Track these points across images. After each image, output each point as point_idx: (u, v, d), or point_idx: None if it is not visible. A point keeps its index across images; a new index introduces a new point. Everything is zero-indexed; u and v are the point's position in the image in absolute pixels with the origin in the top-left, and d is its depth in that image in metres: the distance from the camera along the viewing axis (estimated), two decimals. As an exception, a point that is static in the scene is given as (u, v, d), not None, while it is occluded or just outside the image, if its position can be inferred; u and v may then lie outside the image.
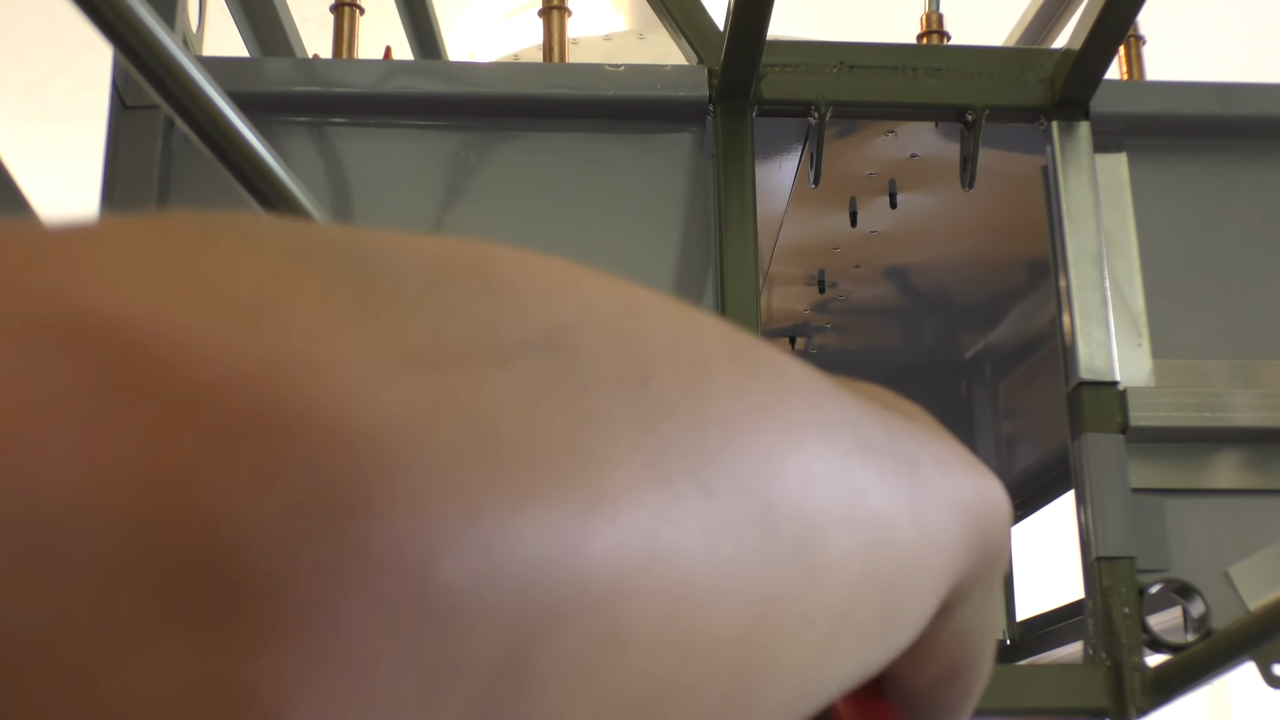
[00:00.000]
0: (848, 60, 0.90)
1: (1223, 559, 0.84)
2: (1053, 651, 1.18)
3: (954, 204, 1.09)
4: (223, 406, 0.11)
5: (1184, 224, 0.92)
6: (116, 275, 0.12)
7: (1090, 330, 0.87)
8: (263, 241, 0.14)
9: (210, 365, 0.11)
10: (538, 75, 0.91)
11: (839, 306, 1.28)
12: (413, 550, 0.12)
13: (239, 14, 1.10)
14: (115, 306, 0.11)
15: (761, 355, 0.20)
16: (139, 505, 0.11)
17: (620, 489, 0.15)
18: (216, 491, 0.11)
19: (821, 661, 0.21)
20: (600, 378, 0.15)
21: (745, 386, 0.19)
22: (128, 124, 0.87)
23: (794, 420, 0.20)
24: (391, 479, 0.12)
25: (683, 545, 0.16)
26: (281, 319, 0.12)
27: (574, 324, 0.16)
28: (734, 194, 0.87)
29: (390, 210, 0.88)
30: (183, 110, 0.48)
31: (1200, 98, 0.93)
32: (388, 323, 0.13)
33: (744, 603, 0.17)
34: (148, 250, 0.13)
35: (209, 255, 0.13)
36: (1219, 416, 0.85)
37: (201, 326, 0.11)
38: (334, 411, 0.12)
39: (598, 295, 0.17)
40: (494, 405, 0.13)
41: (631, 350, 0.16)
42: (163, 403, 0.11)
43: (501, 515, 0.13)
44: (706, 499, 0.16)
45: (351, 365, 0.12)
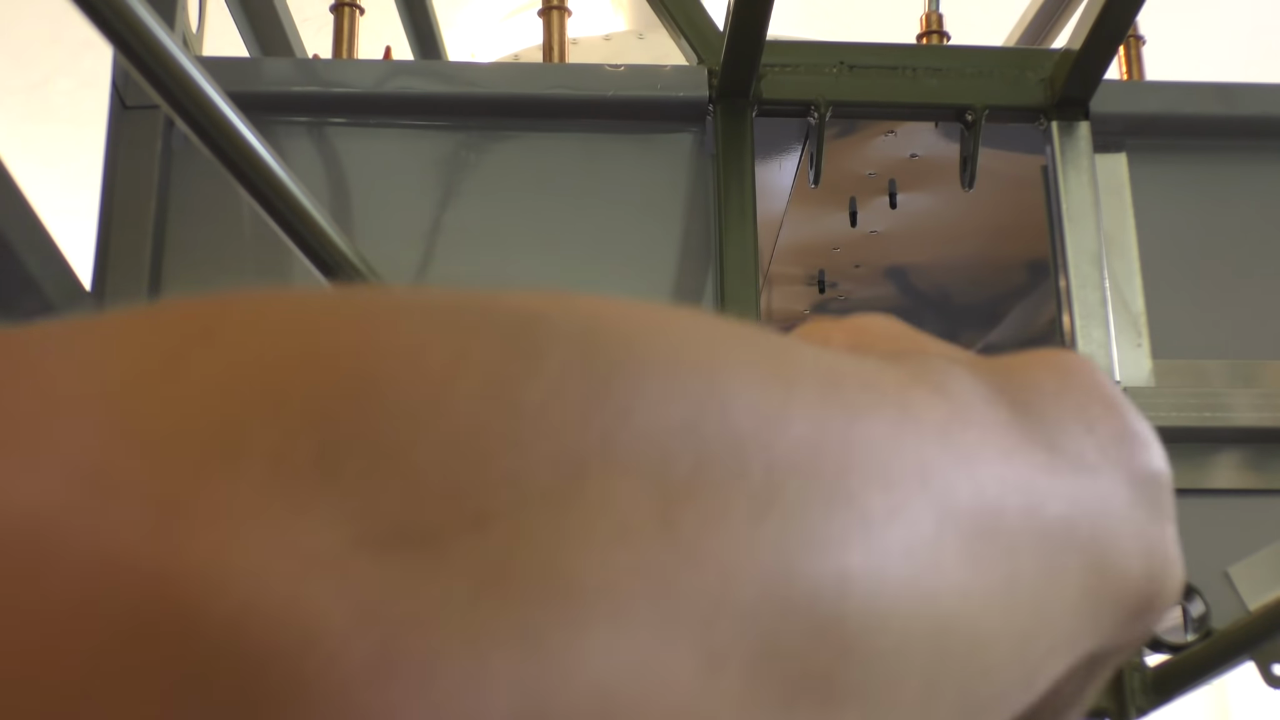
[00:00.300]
0: (848, 60, 0.90)
1: (1223, 559, 0.84)
2: (1053, 651, 1.18)
3: (954, 204, 1.09)
4: (123, 616, 0.11)
5: (1184, 224, 0.92)
6: (36, 471, 0.11)
7: (1090, 330, 0.87)
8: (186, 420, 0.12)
9: (113, 569, 0.11)
10: (538, 75, 0.91)
11: (839, 306, 1.28)
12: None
13: (239, 14, 1.10)
14: (29, 504, 0.11)
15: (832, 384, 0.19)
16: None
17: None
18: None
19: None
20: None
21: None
22: (128, 124, 0.87)
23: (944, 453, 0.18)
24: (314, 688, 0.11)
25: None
26: (197, 516, 0.11)
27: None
28: (734, 194, 0.87)
29: (390, 210, 0.88)
30: (183, 110, 0.48)
31: (1200, 98, 0.93)
32: (316, 514, 0.12)
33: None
34: (69, 439, 0.12)
35: (126, 447, 0.12)
36: (1219, 416, 0.86)
37: (109, 528, 0.11)
38: (252, 620, 0.11)
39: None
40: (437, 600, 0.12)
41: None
42: (61, 603, 0.11)
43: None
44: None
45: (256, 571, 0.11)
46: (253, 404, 0.12)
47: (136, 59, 0.45)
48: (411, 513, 0.13)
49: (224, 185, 0.51)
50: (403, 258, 0.86)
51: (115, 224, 0.85)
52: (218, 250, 0.87)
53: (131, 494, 0.11)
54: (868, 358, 0.20)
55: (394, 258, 0.86)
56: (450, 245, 0.87)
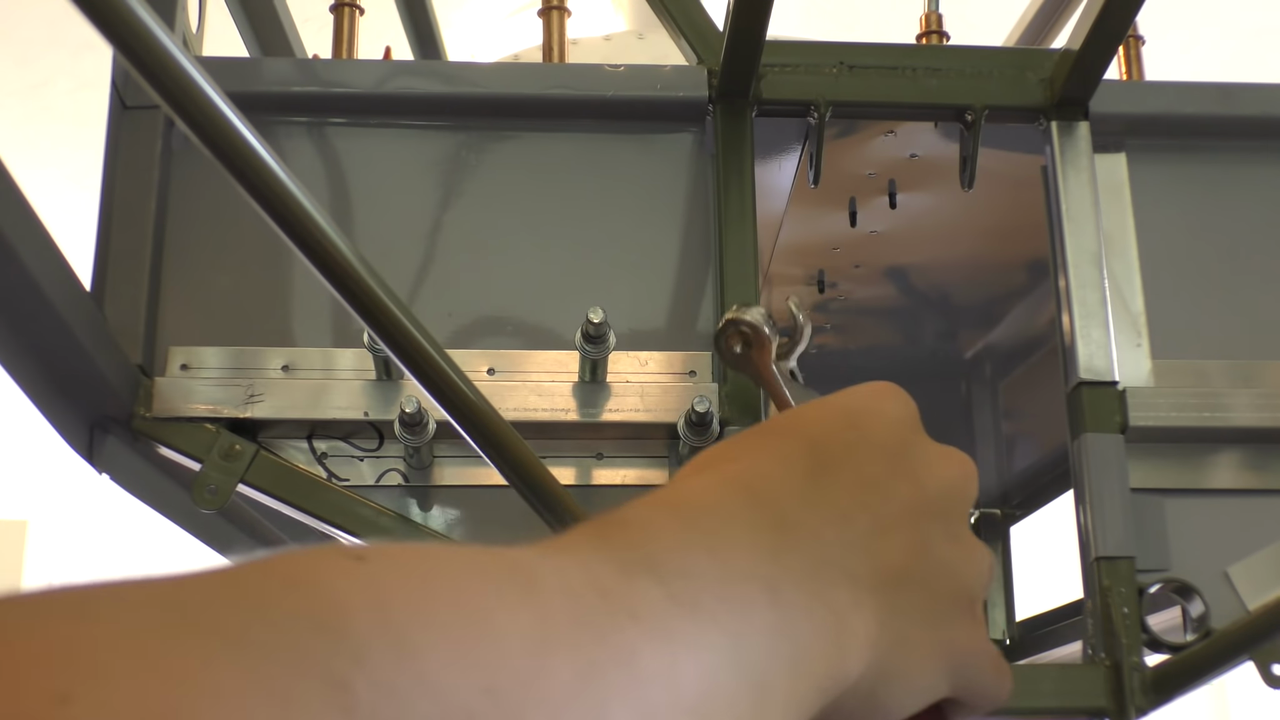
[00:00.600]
0: (847, 60, 0.90)
1: (1222, 559, 0.84)
2: (1052, 651, 1.18)
3: (954, 204, 1.09)
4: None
5: (1184, 224, 0.92)
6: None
7: (1090, 330, 0.87)
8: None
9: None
10: (538, 75, 0.91)
11: (839, 306, 1.28)
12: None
13: (239, 14, 1.10)
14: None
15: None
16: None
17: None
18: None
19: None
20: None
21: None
22: (128, 124, 0.87)
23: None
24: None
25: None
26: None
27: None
28: (734, 194, 0.87)
29: (390, 210, 0.88)
30: (182, 110, 0.47)
31: (1200, 98, 0.93)
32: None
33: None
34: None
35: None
36: (1219, 416, 0.85)
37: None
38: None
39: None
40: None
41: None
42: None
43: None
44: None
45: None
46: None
47: (136, 59, 0.45)
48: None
49: (224, 185, 0.51)
50: (403, 257, 0.86)
51: (115, 224, 0.85)
52: (218, 250, 0.87)
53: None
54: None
55: (394, 258, 0.86)
56: (450, 245, 0.87)
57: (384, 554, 0.22)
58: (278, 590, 0.20)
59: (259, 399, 0.82)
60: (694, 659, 0.25)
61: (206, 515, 0.90)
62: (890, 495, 0.36)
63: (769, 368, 0.57)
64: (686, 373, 0.84)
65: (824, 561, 0.33)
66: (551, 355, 0.84)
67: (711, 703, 0.25)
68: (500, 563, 0.24)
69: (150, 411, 0.81)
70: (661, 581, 0.26)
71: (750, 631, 0.28)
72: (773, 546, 0.31)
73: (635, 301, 0.86)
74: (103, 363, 0.76)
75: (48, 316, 0.70)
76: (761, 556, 0.31)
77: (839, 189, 1.07)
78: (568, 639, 0.23)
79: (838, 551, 0.33)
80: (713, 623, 0.27)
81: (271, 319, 0.85)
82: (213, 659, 0.18)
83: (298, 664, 0.18)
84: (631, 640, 0.24)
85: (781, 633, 0.29)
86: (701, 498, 0.32)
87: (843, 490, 0.35)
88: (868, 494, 0.35)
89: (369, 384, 0.83)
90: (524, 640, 0.22)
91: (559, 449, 0.84)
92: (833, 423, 0.37)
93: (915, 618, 0.35)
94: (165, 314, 0.85)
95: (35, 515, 4.69)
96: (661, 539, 0.29)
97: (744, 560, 0.30)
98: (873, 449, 0.36)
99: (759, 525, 0.32)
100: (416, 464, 0.83)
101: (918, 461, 0.37)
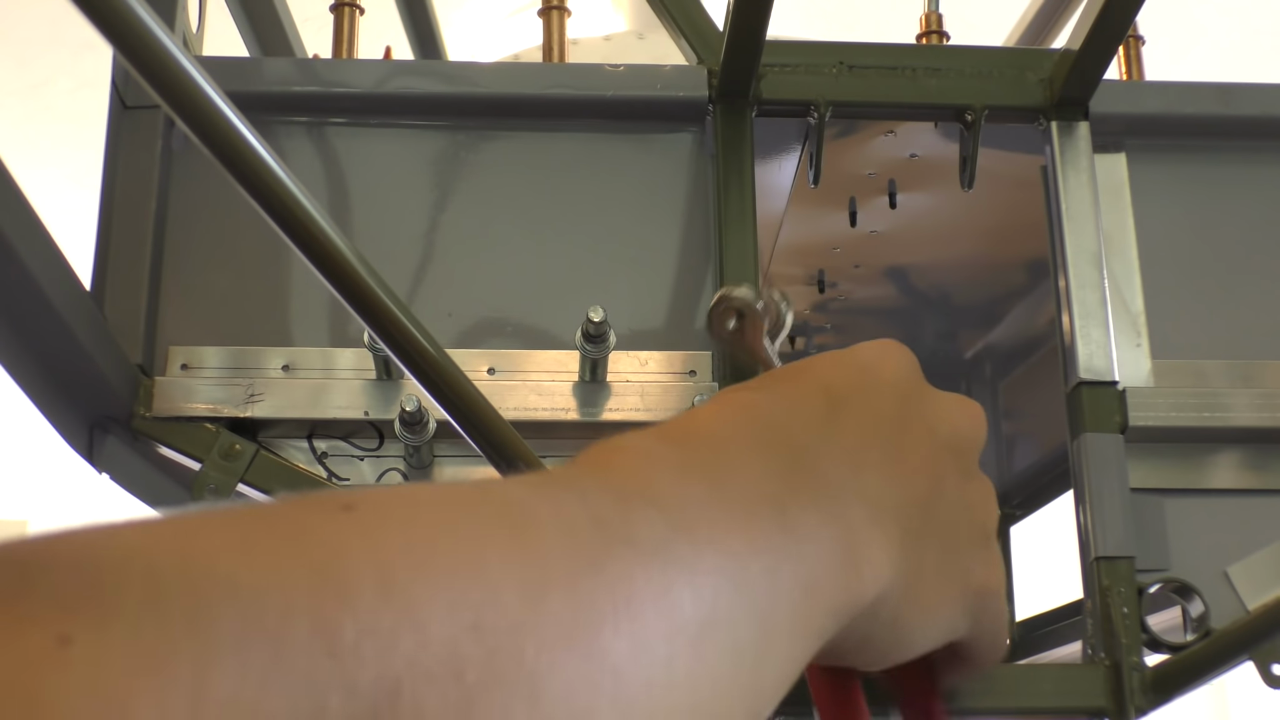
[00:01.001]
0: (847, 60, 0.90)
1: (1222, 559, 0.84)
2: (1052, 651, 1.18)
3: (954, 204, 1.09)
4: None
5: (1184, 224, 0.92)
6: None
7: (1089, 330, 0.87)
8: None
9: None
10: (537, 75, 0.91)
11: (839, 306, 1.28)
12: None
13: (239, 14, 1.10)
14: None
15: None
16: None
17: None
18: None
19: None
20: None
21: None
22: (128, 124, 0.87)
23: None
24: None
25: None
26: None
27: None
28: (734, 194, 0.87)
29: (390, 210, 0.88)
30: (183, 110, 0.47)
31: (1200, 98, 0.93)
32: None
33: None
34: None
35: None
36: (1219, 416, 0.85)
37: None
38: None
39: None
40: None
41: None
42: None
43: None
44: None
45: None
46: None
47: (136, 59, 0.45)
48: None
49: (224, 185, 0.51)
50: (403, 257, 0.86)
51: (115, 224, 0.85)
52: (218, 250, 0.87)
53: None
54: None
55: (394, 257, 0.86)
56: (450, 244, 0.87)
57: (373, 501, 0.22)
58: (269, 540, 0.20)
59: (259, 399, 0.82)
60: (691, 584, 0.25)
61: (206, 515, 0.90)
62: (904, 432, 0.36)
63: (760, 343, 0.58)
64: (687, 372, 0.84)
65: (837, 483, 0.32)
66: (552, 355, 0.84)
67: (711, 627, 0.25)
68: (491, 499, 0.24)
69: (150, 411, 0.82)
70: (660, 508, 0.27)
71: (754, 553, 0.28)
72: (782, 469, 0.31)
73: (635, 301, 0.86)
74: (103, 363, 0.76)
75: (48, 316, 0.70)
76: (769, 477, 0.31)
77: (839, 189, 1.07)
78: (561, 572, 0.23)
79: (851, 476, 0.33)
80: (712, 545, 0.27)
81: (271, 319, 0.85)
82: (210, 605, 0.19)
83: (288, 608, 0.19)
84: (627, 569, 0.24)
85: (789, 552, 0.29)
86: (708, 425, 0.32)
87: (857, 428, 0.35)
88: (882, 431, 0.36)
89: (369, 383, 0.83)
90: (514, 576, 0.22)
91: (559, 448, 0.84)
92: (844, 370, 0.38)
93: (935, 547, 0.35)
94: (165, 314, 0.85)
95: (35, 515, 4.69)
96: (662, 466, 0.29)
97: (749, 482, 0.30)
98: (884, 392, 0.37)
99: (768, 449, 0.32)
100: (417, 463, 0.83)
101: (928, 404, 0.38)
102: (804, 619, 0.28)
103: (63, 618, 0.17)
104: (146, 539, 0.19)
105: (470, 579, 0.21)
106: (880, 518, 0.33)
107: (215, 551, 0.20)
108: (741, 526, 0.28)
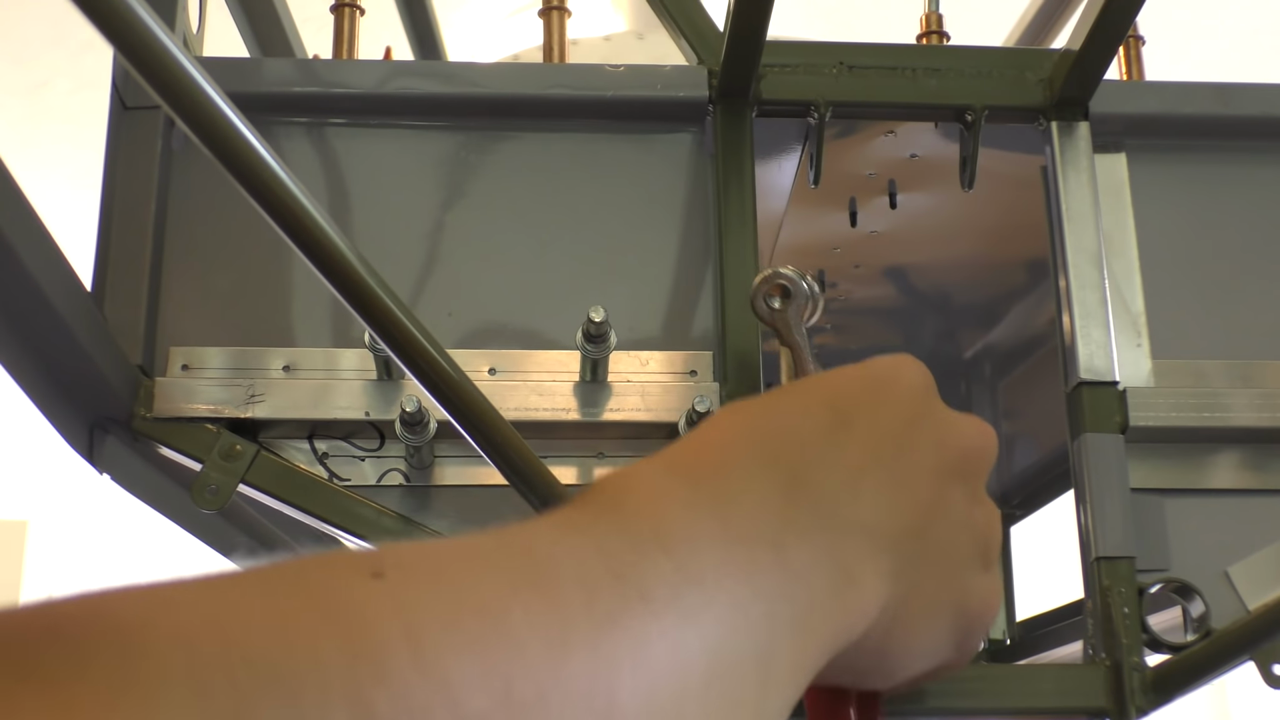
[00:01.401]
0: (847, 60, 0.90)
1: (1223, 559, 0.84)
2: (1052, 651, 1.18)
3: (954, 204, 1.09)
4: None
5: (1184, 224, 0.92)
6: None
7: (1090, 330, 0.87)
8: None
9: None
10: (537, 75, 0.91)
11: (839, 306, 1.28)
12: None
13: (239, 14, 1.10)
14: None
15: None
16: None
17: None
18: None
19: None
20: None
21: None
22: (128, 124, 0.87)
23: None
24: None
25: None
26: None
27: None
28: (734, 194, 0.87)
29: (390, 211, 0.88)
30: (182, 110, 0.47)
31: (1200, 98, 0.93)
32: None
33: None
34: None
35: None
36: (1219, 416, 0.85)
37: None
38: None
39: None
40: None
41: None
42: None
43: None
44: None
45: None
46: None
47: (136, 59, 0.45)
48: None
49: (224, 185, 0.51)
50: (403, 257, 0.86)
51: (115, 224, 0.85)
52: (218, 251, 0.87)
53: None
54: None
55: (395, 258, 0.86)
56: (450, 245, 0.87)
57: (400, 564, 0.22)
58: (304, 616, 0.21)
59: (260, 399, 0.82)
60: (700, 636, 0.26)
61: (207, 516, 0.90)
62: (909, 452, 0.36)
63: (800, 323, 0.61)
64: (687, 372, 0.84)
65: (835, 515, 0.33)
66: (552, 355, 0.84)
67: (717, 676, 0.26)
68: (513, 554, 0.24)
69: (150, 412, 0.82)
70: (671, 555, 0.27)
71: (755, 597, 0.28)
72: (782, 504, 0.31)
73: (636, 301, 0.86)
74: (103, 363, 0.76)
75: (48, 316, 0.70)
76: (770, 515, 0.31)
77: (839, 189, 1.07)
78: (582, 629, 0.23)
79: (850, 505, 0.33)
80: (719, 592, 0.27)
81: (272, 319, 0.85)
82: (253, 697, 0.19)
83: (325, 690, 0.19)
84: (643, 625, 0.25)
85: (786, 592, 0.29)
86: (713, 455, 0.33)
87: (861, 446, 0.35)
88: (886, 450, 0.36)
89: (370, 384, 0.83)
90: (539, 638, 0.22)
91: (560, 449, 0.84)
92: (853, 384, 0.38)
93: (932, 574, 0.35)
94: (165, 314, 0.85)
95: (35, 515, 4.69)
96: (671, 503, 0.29)
97: (751, 522, 0.30)
98: (893, 409, 0.37)
99: (769, 482, 0.32)
100: (418, 464, 0.83)
101: (938, 423, 0.38)
102: (800, 656, 0.29)
103: (109, 713, 0.18)
104: (185, 618, 0.19)
105: (498, 642, 0.22)
106: (876, 547, 0.33)
107: (252, 631, 0.20)
108: (745, 570, 0.28)
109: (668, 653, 0.25)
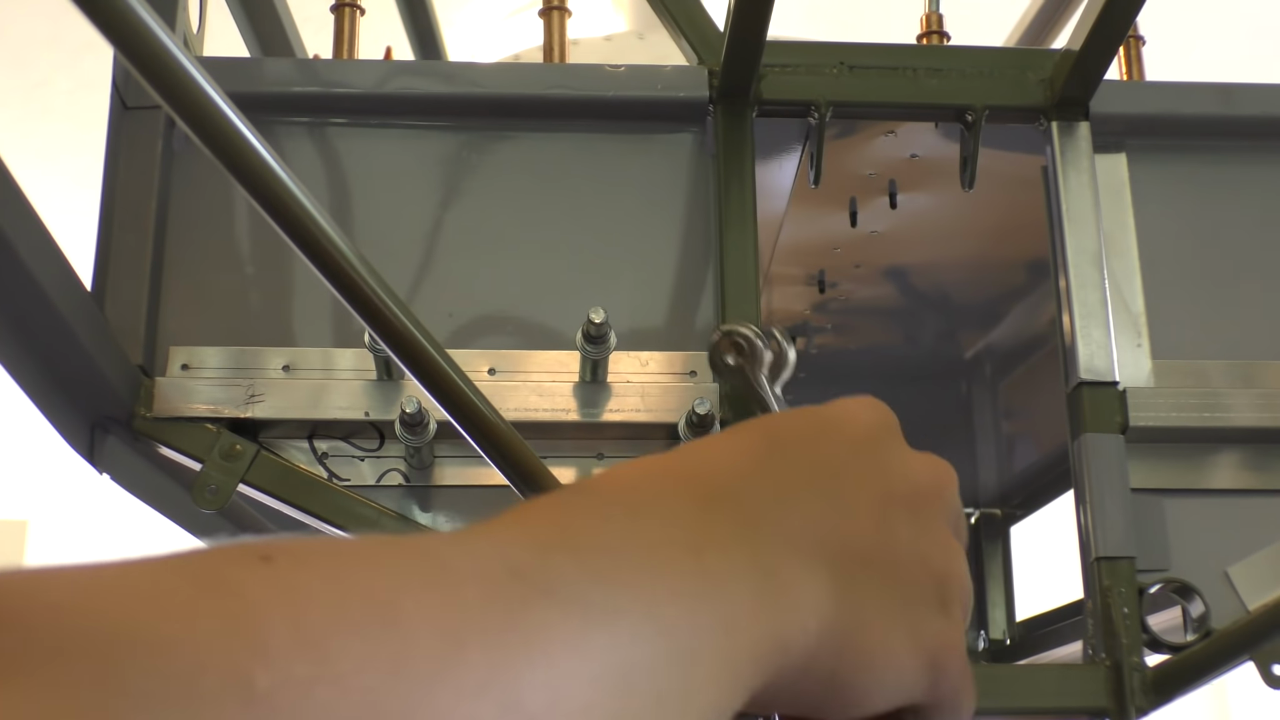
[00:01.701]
0: (848, 60, 0.90)
1: (1223, 559, 0.84)
2: (1052, 651, 1.18)
3: (954, 204, 1.09)
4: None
5: (1184, 224, 0.92)
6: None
7: (1090, 330, 0.87)
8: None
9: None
10: (538, 75, 0.91)
11: (839, 306, 1.28)
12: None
13: (239, 14, 1.10)
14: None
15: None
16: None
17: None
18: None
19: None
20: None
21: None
22: (128, 124, 0.87)
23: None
24: None
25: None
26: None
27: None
28: (734, 194, 0.87)
29: (390, 210, 0.88)
30: (183, 110, 0.47)
31: (1200, 98, 0.93)
32: None
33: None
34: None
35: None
36: (1219, 416, 0.86)
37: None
38: None
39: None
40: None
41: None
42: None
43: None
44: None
45: None
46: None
47: (136, 59, 0.45)
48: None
49: (224, 185, 0.51)
50: (403, 257, 0.86)
51: (115, 224, 0.85)
52: (218, 250, 0.87)
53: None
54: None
55: (394, 257, 0.86)
56: (450, 244, 0.87)
57: (291, 552, 0.23)
58: (184, 592, 0.21)
59: (260, 399, 0.82)
60: (609, 631, 0.25)
61: (207, 515, 0.90)
62: (849, 480, 0.35)
63: (760, 380, 0.58)
64: (687, 373, 0.84)
65: (758, 527, 0.32)
66: (552, 355, 0.84)
67: (631, 673, 0.25)
68: (409, 552, 0.24)
69: (151, 411, 0.82)
70: (576, 556, 0.27)
71: (672, 596, 0.28)
72: (698, 513, 0.31)
73: (636, 301, 0.86)
74: (103, 363, 0.76)
75: (48, 316, 0.70)
76: (685, 523, 0.31)
77: (839, 189, 1.07)
78: (478, 622, 0.23)
79: (777, 519, 0.33)
80: (629, 591, 0.27)
81: (272, 319, 0.85)
82: (118, 662, 0.19)
83: (199, 661, 0.19)
84: (545, 618, 0.24)
85: (707, 594, 0.29)
86: (627, 475, 0.33)
87: (793, 470, 0.35)
88: (822, 476, 0.35)
89: (370, 384, 0.83)
90: (431, 625, 0.22)
91: (559, 449, 0.84)
92: (798, 419, 0.37)
93: (881, 602, 0.34)
94: (165, 314, 0.85)
95: (35, 515, 4.69)
96: (579, 512, 0.29)
97: (664, 528, 0.30)
98: (835, 441, 0.36)
99: (685, 495, 0.32)
100: (417, 464, 0.83)
101: (887, 457, 0.37)
102: (728, 661, 0.29)
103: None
104: (64, 593, 0.20)
105: (387, 629, 0.22)
106: (807, 557, 0.32)
107: (128, 604, 0.20)
108: (658, 571, 0.28)
109: (575, 649, 0.24)
